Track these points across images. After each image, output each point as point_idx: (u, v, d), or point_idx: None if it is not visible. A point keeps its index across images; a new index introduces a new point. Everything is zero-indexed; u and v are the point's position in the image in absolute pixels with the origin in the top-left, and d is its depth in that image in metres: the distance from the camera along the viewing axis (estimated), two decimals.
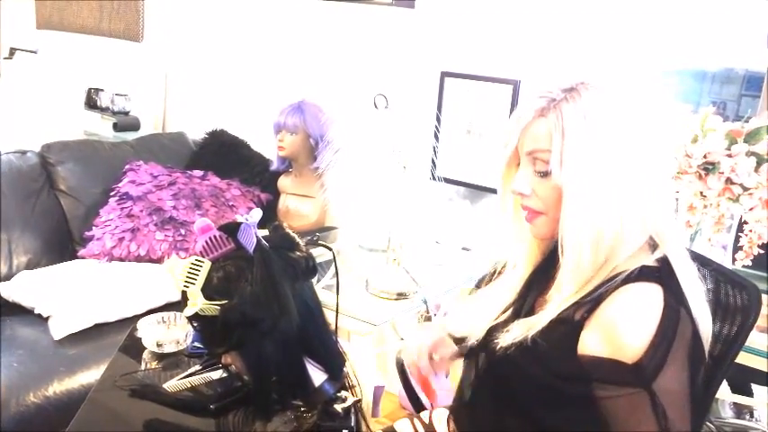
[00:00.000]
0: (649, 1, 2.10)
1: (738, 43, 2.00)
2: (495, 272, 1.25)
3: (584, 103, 0.96)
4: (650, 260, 0.98)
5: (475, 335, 1.15)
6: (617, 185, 0.95)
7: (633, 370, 0.91)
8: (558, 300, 1.01)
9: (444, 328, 1.29)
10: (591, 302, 0.97)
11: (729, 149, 1.68)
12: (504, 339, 1.04)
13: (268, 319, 0.99)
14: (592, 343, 0.95)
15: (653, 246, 1.00)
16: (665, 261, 0.98)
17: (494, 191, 1.18)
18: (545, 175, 0.99)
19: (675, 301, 0.94)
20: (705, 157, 1.69)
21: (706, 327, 0.99)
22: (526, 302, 1.12)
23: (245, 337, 1.00)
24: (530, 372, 1.01)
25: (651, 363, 0.90)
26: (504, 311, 1.14)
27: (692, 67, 2.10)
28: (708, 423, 1.87)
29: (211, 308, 1.00)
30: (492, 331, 1.10)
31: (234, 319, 0.99)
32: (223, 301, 0.99)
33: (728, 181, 1.68)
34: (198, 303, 0.99)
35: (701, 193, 1.73)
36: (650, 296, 0.94)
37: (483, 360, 1.13)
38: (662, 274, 0.96)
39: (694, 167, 1.70)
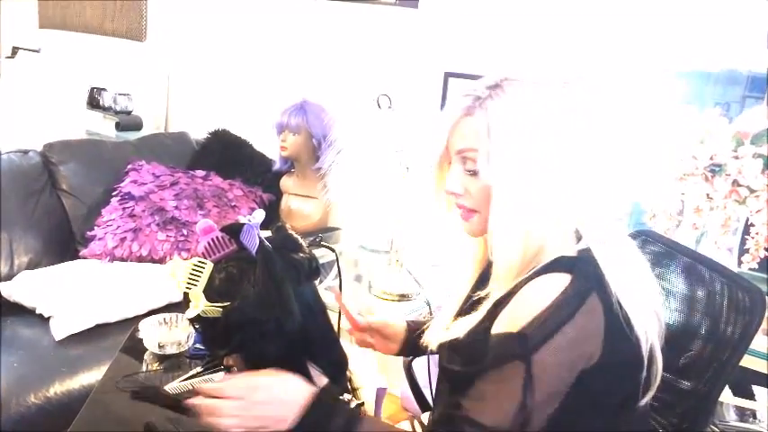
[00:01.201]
0: (652, 2, 2.09)
1: (740, 44, 1.99)
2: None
3: (508, 100, 0.96)
4: (572, 251, 0.96)
5: (431, 343, 1.14)
6: (543, 181, 0.94)
7: (516, 338, 0.89)
8: (489, 299, 1.00)
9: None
10: (509, 296, 0.96)
11: (736, 151, 1.67)
12: (443, 337, 1.06)
13: (271, 321, 0.98)
14: (496, 326, 0.94)
15: (579, 237, 0.98)
16: (586, 250, 0.96)
17: None
18: (475, 173, 0.99)
19: (585, 287, 0.90)
20: (711, 158, 1.68)
21: (643, 323, 0.94)
22: (470, 300, 1.10)
23: (247, 338, 0.99)
24: (446, 366, 1.04)
25: (535, 333, 0.87)
26: (455, 315, 1.13)
27: (696, 68, 2.09)
28: (712, 426, 1.86)
29: (214, 309, 0.98)
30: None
31: (236, 320, 0.97)
32: (225, 303, 0.98)
33: (735, 183, 1.67)
34: (200, 305, 0.98)
35: (708, 195, 1.72)
36: (555, 282, 0.91)
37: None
38: (577, 263, 0.94)
39: (700, 169, 1.69)
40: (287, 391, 0.96)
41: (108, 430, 1.25)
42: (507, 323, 0.92)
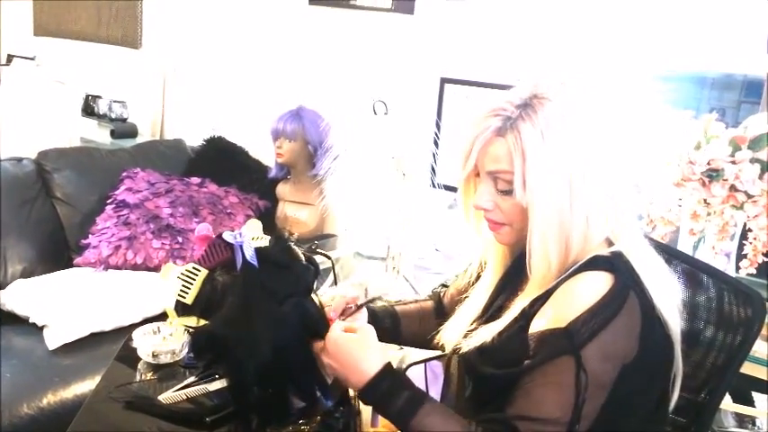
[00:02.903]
0: (648, 5, 2.09)
1: (737, 47, 1.99)
2: (467, 276, 1.26)
3: (541, 121, 0.96)
4: (604, 252, 0.99)
5: (448, 344, 1.16)
6: (581, 196, 0.96)
7: (564, 333, 0.92)
8: (521, 301, 1.03)
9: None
10: (546, 293, 0.99)
11: (733, 156, 1.66)
12: (469, 343, 1.06)
13: (237, 345, 0.96)
14: (536, 324, 0.97)
15: (610, 243, 1.02)
16: (618, 253, 0.99)
17: None
18: (507, 193, 1.00)
19: (626, 285, 0.94)
20: (709, 163, 1.67)
21: (673, 323, 0.98)
22: (494, 306, 1.12)
23: (218, 358, 0.99)
24: (483, 373, 1.03)
25: (584, 328, 0.91)
26: (476, 319, 1.14)
27: (692, 72, 2.09)
28: None
29: (186, 326, 0.98)
30: (465, 337, 1.11)
31: (203, 341, 0.97)
32: (199, 322, 0.97)
33: (733, 188, 1.66)
34: (174, 323, 0.98)
35: (705, 200, 1.71)
36: (599, 279, 0.95)
37: (461, 369, 1.15)
38: (615, 262, 0.96)
39: (698, 174, 1.68)
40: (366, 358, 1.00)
41: None
42: (551, 319, 0.94)
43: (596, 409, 0.92)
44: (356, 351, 1.01)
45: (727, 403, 1.84)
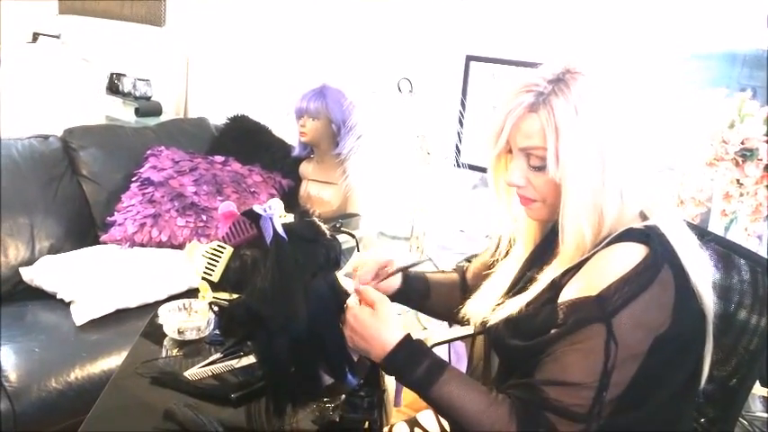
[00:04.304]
0: None
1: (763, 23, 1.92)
2: (495, 251, 1.25)
3: (574, 96, 0.95)
4: (638, 225, 0.98)
5: (475, 317, 1.16)
6: (614, 171, 0.95)
7: (595, 300, 0.91)
8: (550, 273, 1.03)
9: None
10: (577, 265, 0.98)
11: None
12: (497, 316, 1.06)
13: (274, 318, 0.96)
14: (567, 293, 0.96)
15: (643, 218, 1.01)
16: (653, 226, 0.98)
17: None
18: (539, 169, 1.00)
19: (660, 256, 0.93)
20: (743, 143, 1.63)
21: (707, 298, 0.97)
22: (522, 280, 1.12)
23: (252, 333, 0.98)
24: (511, 345, 1.03)
25: (615, 296, 0.90)
26: (505, 293, 1.13)
27: (723, 49, 2.03)
28: (740, 418, 1.82)
29: (220, 302, 0.98)
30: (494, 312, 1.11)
31: (239, 315, 0.96)
32: (232, 296, 0.97)
33: (767, 168, 1.62)
34: (207, 296, 0.97)
35: (738, 180, 1.67)
36: (632, 250, 0.94)
37: (488, 344, 1.16)
38: (649, 234, 0.95)
39: (731, 154, 1.65)
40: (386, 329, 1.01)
41: (128, 415, 1.24)
42: (583, 288, 0.94)
43: (627, 378, 0.91)
44: (377, 323, 1.01)
45: (756, 387, 1.81)
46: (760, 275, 1.19)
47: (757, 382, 1.79)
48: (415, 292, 1.29)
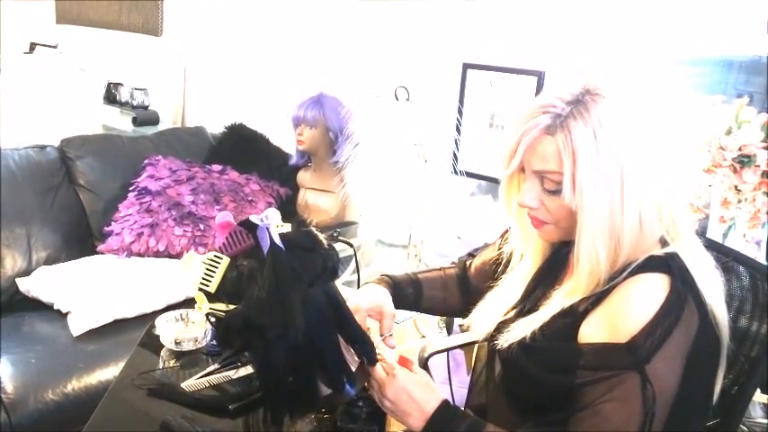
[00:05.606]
0: None
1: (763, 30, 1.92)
2: (496, 248, 1.25)
3: (593, 120, 0.91)
4: (659, 253, 0.96)
5: (480, 330, 1.15)
6: (634, 198, 0.92)
7: (626, 349, 0.88)
8: (562, 296, 1.00)
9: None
10: (597, 295, 0.95)
11: (766, 141, 1.62)
12: (506, 338, 1.03)
13: (272, 328, 0.95)
14: (590, 331, 0.93)
15: (663, 243, 0.98)
16: (673, 254, 0.95)
17: None
18: (554, 192, 0.97)
19: (683, 290, 0.91)
20: (740, 149, 1.63)
21: (723, 322, 0.96)
22: (531, 298, 1.10)
23: (249, 343, 0.97)
24: (530, 373, 1.00)
25: (646, 342, 0.88)
26: (512, 308, 1.12)
27: (718, 56, 2.03)
28: (740, 425, 1.82)
29: (217, 312, 0.97)
30: (499, 327, 1.09)
31: (236, 325, 0.96)
32: (228, 306, 0.96)
33: (765, 174, 1.62)
34: (204, 308, 0.97)
35: (736, 187, 1.67)
36: (656, 284, 0.92)
37: (492, 358, 1.13)
38: (670, 263, 0.93)
39: (729, 160, 1.64)
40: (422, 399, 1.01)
41: (125, 427, 1.24)
42: (609, 329, 0.91)
43: (664, 415, 0.90)
44: (417, 390, 1.01)
45: (756, 394, 1.81)
46: (759, 282, 1.19)
47: (758, 389, 1.79)
48: (405, 297, 1.28)
